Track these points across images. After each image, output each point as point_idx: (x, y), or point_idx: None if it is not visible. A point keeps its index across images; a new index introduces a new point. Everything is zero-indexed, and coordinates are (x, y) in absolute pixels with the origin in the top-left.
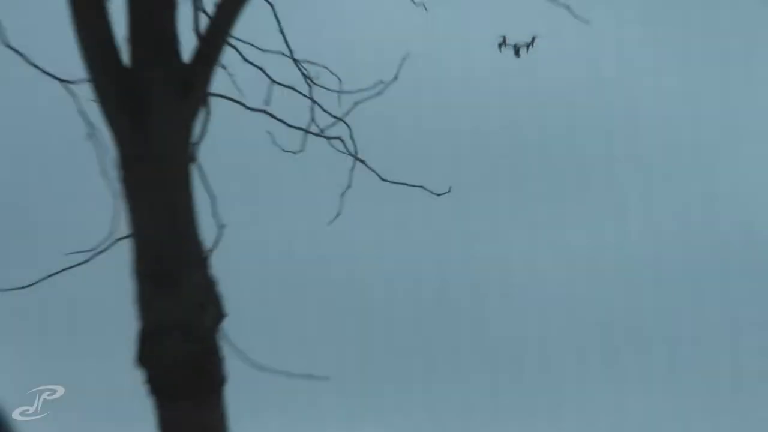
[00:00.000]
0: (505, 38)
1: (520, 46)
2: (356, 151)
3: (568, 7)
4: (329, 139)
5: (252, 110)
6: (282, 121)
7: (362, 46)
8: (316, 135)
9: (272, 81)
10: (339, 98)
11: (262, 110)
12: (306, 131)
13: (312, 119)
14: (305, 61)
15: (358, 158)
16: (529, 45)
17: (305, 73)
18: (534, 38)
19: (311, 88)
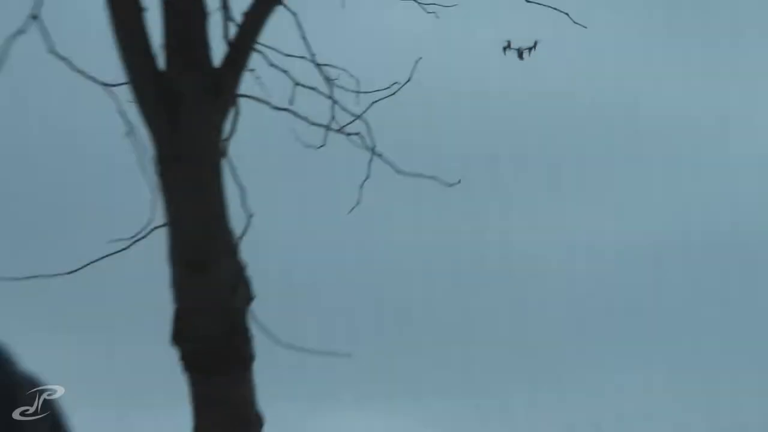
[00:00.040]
0: (509, 42)
1: (524, 50)
2: (373, 145)
3: (567, 14)
4: (348, 135)
5: (277, 109)
6: (305, 119)
7: (378, 50)
8: (337, 131)
9: (295, 83)
10: (357, 98)
11: (287, 109)
12: (327, 128)
13: (332, 117)
14: (326, 64)
15: (375, 152)
16: (531, 48)
17: (326, 75)
18: (536, 42)
19: (332, 88)
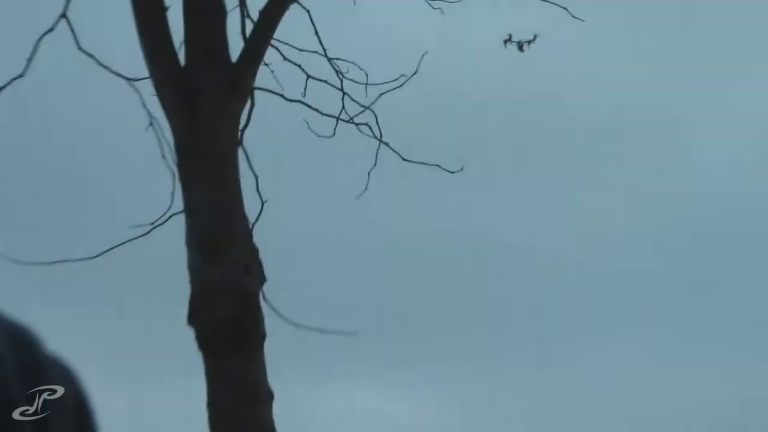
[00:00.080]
0: (510, 36)
1: (524, 43)
2: (381, 135)
3: (566, 9)
4: (358, 125)
5: (291, 101)
6: (317, 110)
7: (386, 44)
8: (347, 122)
9: (308, 76)
10: (366, 90)
11: (300, 101)
12: (337, 119)
13: (343, 108)
14: (337, 58)
15: (382, 141)
16: (531, 41)
17: (337, 69)
18: (535, 36)
19: (342, 81)
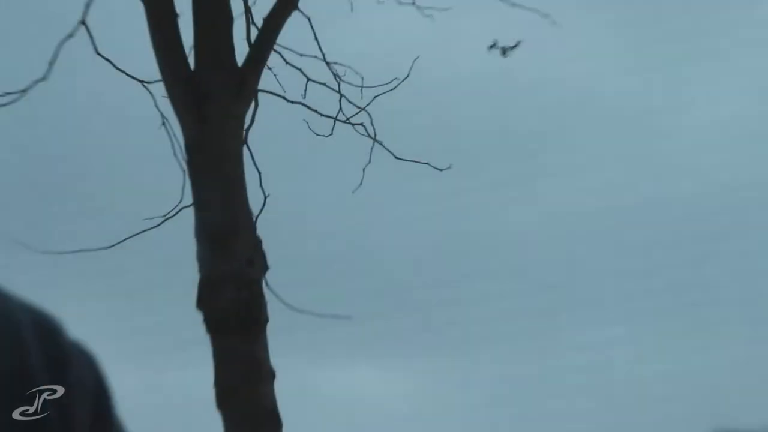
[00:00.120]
0: (495, 41)
1: (507, 48)
2: (375, 134)
3: (547, 16)
4: (354, 125)
5: (292, 103)
6: (316, 111)
7: (381, 49)
8: (343, 122)
9: (308, 79)
10: (361, 92)
11: (300, 102)
12: (335, 119)
13: (340, 109)
14: (335, 62)
15: (376, 140)
16: (514, 47)
17: (334, 72)
18: (518, 42)
19: (339, 84)
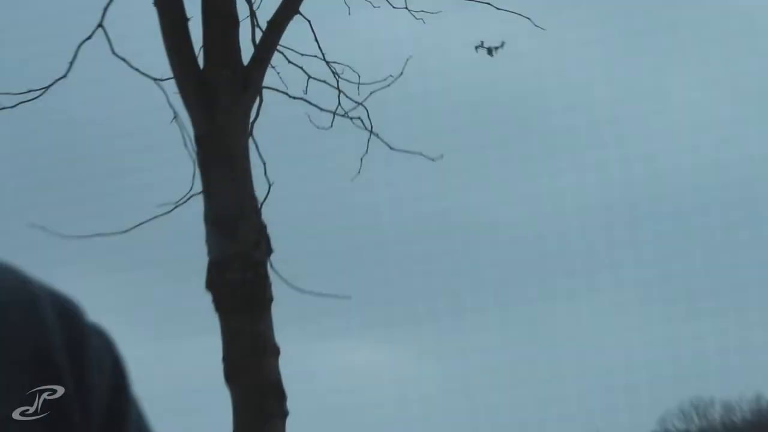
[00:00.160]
0: (482, 42)
1: (493, 48)
2: (372, 127)
3: (529, 19)
4: (351, 119)
5: (294, 98)
6: (316, 106)
7: (376, 49)
8: (342, 116)
9: (309, 76)
10: (358, 89)
11: (302, 98)
12: (334, 113)
13: (338, 104)
14: (334, 61)
15: (373, 133)
16: (499, 47)
17: (333, 70)
18: (503, 42)
19: (338, 81)
